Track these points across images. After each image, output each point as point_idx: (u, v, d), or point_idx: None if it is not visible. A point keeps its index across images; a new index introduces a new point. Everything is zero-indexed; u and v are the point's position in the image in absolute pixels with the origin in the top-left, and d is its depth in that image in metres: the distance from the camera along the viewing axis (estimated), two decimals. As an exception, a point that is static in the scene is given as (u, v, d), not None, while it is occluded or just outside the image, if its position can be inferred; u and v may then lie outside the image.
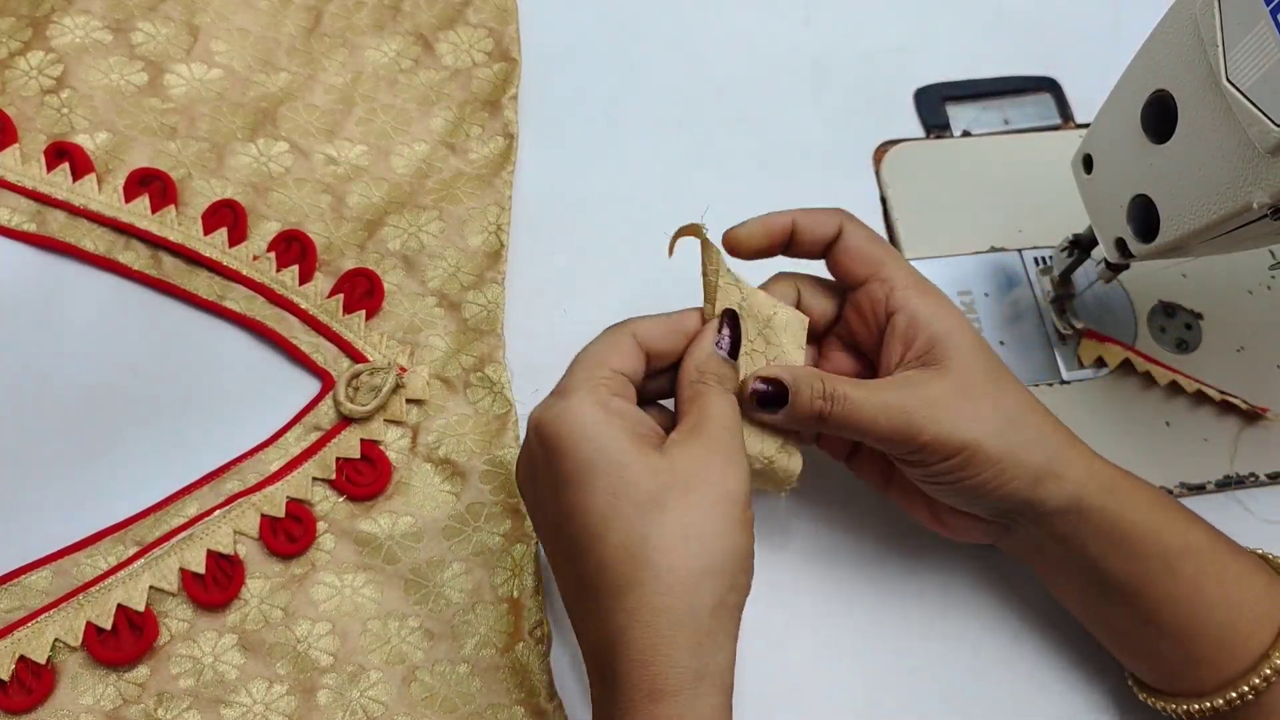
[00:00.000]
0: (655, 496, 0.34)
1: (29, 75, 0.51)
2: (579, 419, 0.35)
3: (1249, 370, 0.51)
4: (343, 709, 0.43)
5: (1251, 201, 0.35)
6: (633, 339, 0.39)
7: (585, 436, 0.35)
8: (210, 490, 0.46)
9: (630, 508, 0.34)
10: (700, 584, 0.34)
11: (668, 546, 0.34)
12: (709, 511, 0.35)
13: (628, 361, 0.38)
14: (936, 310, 0.40)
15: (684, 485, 0.35)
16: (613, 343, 0.38)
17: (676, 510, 0.34)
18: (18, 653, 0.42)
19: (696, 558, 0.34)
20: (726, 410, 0.38)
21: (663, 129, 0.56)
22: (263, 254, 0.50)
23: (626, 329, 0.39)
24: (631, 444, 0.35)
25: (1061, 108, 0.58)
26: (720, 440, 0.36)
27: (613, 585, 0.34)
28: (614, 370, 0.37)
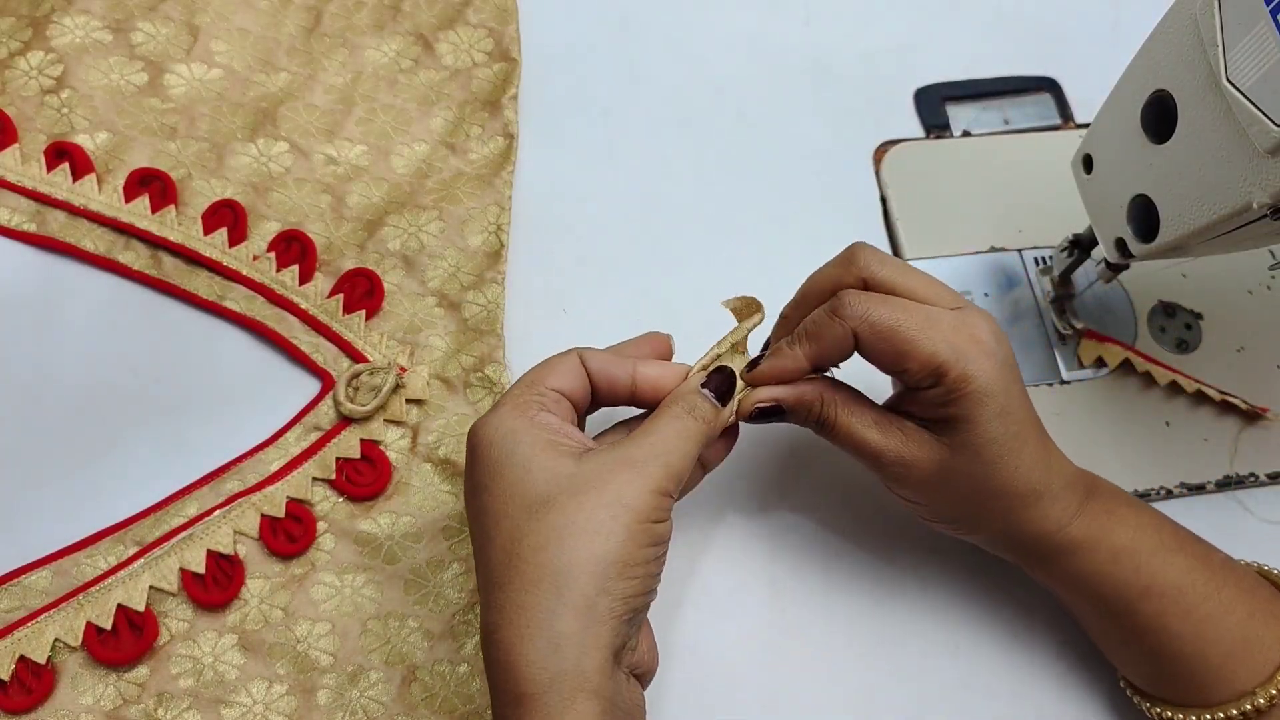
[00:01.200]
0: (545, 498, 0.35)
1: (29, 75, 0.51)
2: (497, 426, 0.36)
3: (1249, 370, 0.51)
4: (342, 709, 0.43)
5: (1251, 201, 0.35)
6: (578, 361, 0.39)
7: (496, 442, 0.36)
8: (210, 490, 0.46)
9: (519, 508, 0.35)
10: (567, 581, 0.33)
11: (540, 545, 0.34)
12: (593, 513, 0.34)
13: (566, 380, 0.38)
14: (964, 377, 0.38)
15: (577, 488, 0.35)
16: (554, 363, 0.39)
17: (559, 510, 0.34)
18: (18, 653, 0.42)
19: (566, 555, 0.34)
20: (670, 433, 0.37)
21: (663, 129, 0.56)
22: (263, 254, 0.50)
23: (573, 352, 0.39)
24: (540, 450, 0.36)
25: (1061, 108, 0.58)
26: (640, 453, 0.36)
27: (492, 582, 0.35)
28: (550, 388, 0.38)
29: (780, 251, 0.53)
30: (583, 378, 0.39)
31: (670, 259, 0.53)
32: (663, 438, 0.37)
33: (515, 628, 0.33)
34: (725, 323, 0.52)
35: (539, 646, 0.33)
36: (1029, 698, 0.45)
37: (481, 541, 0.36)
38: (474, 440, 0.37)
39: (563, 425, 0.38)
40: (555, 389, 0.38)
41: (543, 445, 0.36)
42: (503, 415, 0.37)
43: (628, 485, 0.35)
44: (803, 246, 0.54)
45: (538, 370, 0.39)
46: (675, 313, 0.52)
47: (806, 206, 0.55)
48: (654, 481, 0.36)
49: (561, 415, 0.38)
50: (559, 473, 0.35)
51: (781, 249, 0.54)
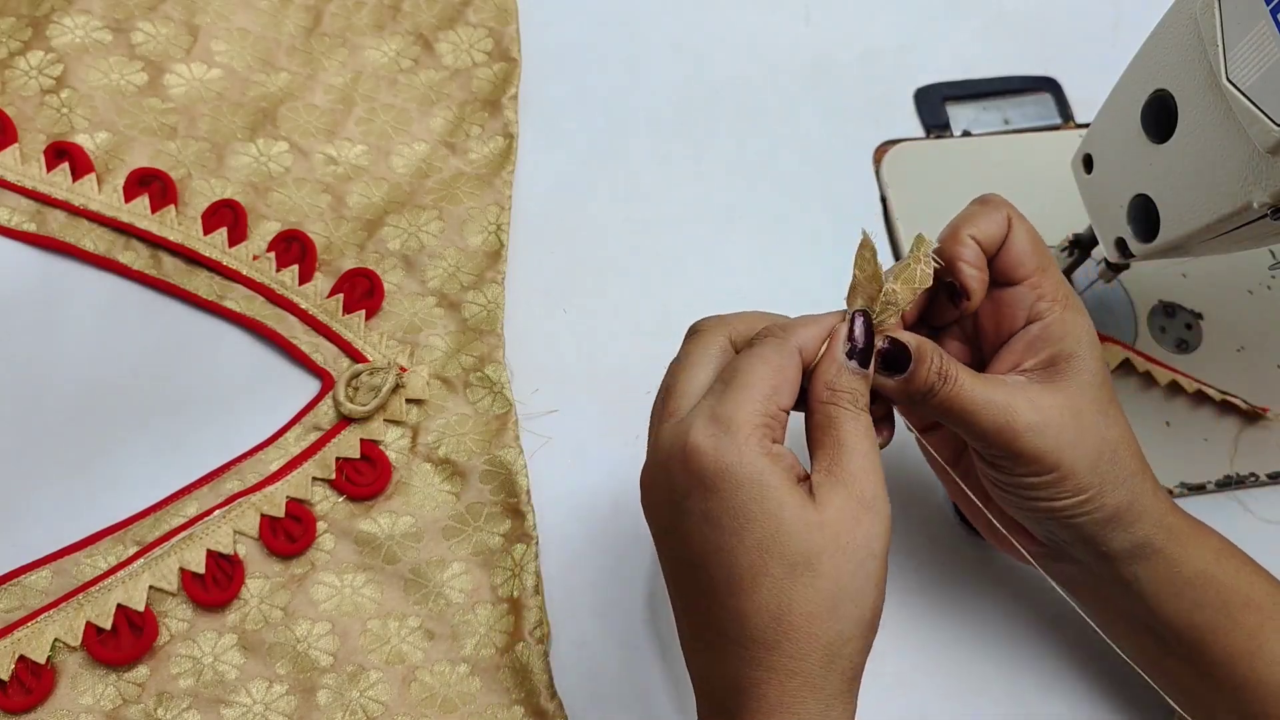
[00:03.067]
0: (807, 558, 0.33)
1: (29, 75, 0.51)
2: (740, 461, 0.33)
3: (1249, 370, 0.51)
4: (342, 709, 0.43)
5: (1251, 201, 0.35)
6: (798, 359, 0.35)
7: (744, 482, 0.33)
8: (210, 490, 0.46)
9: (780, 567, 0.33)
10: (840, 651, 0.33)
11: (812, 614, 0.33)
12: (854, 576, 0.33)
13: (794, 393, 0.35)
14: (1074, 328, 0.38)
15: (834, 546, 0.33)
16: (782, 369, 0.35)
17: (826, 576, 0.33)
18: (17, 652, 0.42)
19: (839, 625, 0.33)
20: (863, 440, 0.35)
21: (663, 129, 0.56)
22: (262, 254, 0.50)
23: (791, 344, 0.35)
24: (789, 495, 0.33)
25: (1061, 108, 0.58)
26: (863, 483, 0.34)
27: (752, 639, 0.33)
28: (781, 408, 0.34)
29: (780, 251, 0.53)
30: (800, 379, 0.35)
31: (670, 259, 0.53)
32: (859, 449, 0.34)
33: (788, 690, 0.33)
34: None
35: (812, 707, 0.33)
36: (1029, 699, 0.45)
37: (727, 587, 0.33)
38: (710, 466, 0.33)
39: (791, 455, 0.34)
40: (786, 409, 0.35)
41: (789, 489, 0.33)
42: (747, 447, 0.33)
43: (875, 532, 0.33)
44: (803, 246, 0.54)
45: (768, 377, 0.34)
46: (675, 312, 0.51)
47: (806, 206, 0.55)
48: (887, 515, 0.34)
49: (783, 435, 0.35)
50: (809, 524, 0.33)
51: (781, 248, 0.54)
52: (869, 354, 0.36)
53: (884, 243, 0.54)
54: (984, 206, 0.39)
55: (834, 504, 0.33)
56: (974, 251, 0.38)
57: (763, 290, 0.52)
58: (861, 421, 0.35)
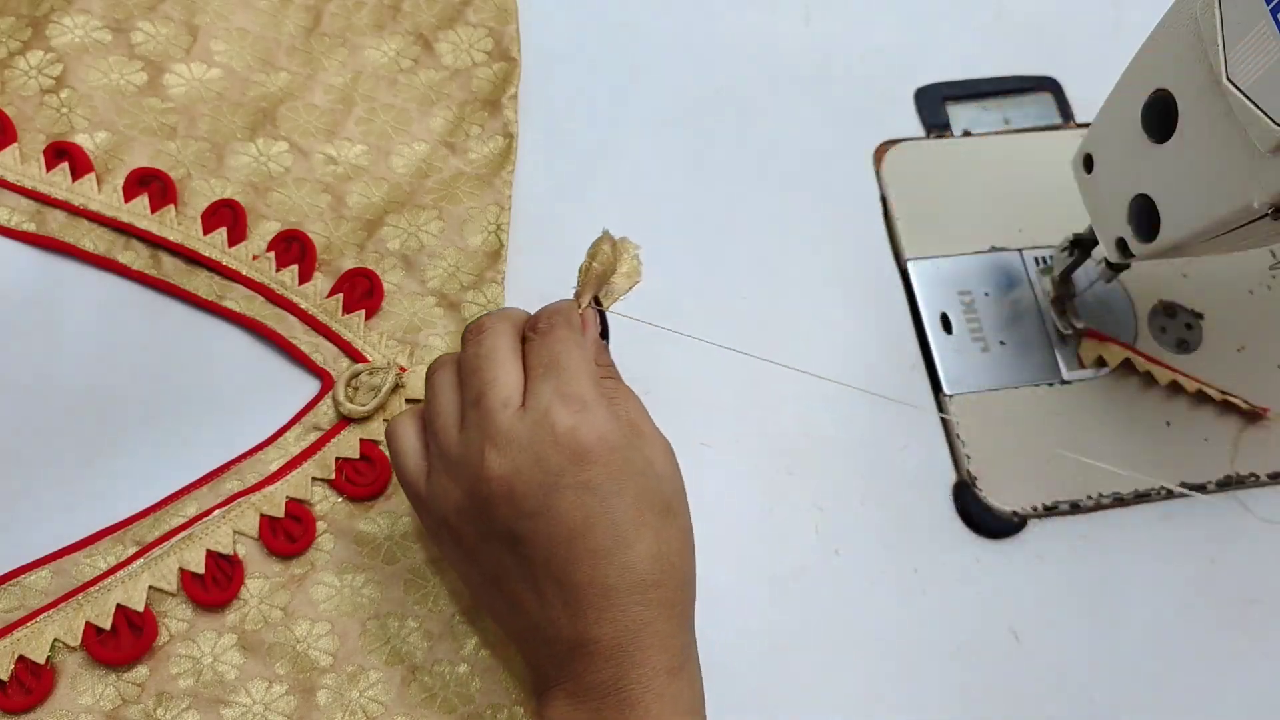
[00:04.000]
0: (668, 502, 0.38)
1: (28, 75, 0.51)
2: (609, 429, 0.37)
3: (1249, 370, 0.51)
4: (342, 709, 0.43)
5: (1252, 201, 0.35)
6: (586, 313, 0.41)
7: (618, 445, 0.37)
8: (210, 490, 0.46)
9: (654, 514, 0.37)
10: (691, 579, 0.39)
11: (680, 549, 0.38)
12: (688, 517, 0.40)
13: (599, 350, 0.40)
14: None
15: (677, 488, 0.39)
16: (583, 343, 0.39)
17: (682, 514, 0.39)
18: (17, 653, 0.42)
19: (692, 557, 0.39)
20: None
21: (663, 128, 0.56)
22: (262, 254, 0.50)
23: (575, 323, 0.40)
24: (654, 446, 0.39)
25: (1062, 107, 0.58)
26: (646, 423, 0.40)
27: (642, 581, 0.37)
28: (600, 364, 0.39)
29: (780, 251, 0.53)
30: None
31: (670, 259, 0.53)
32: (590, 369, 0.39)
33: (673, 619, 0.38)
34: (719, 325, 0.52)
35: (687, 629, 0.39)
36: (1030, 698, 0.45)
37: (612, 545, 0.37)
38: (591, 446, 0.37)
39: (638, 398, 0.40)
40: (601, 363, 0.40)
41: (653, 438, 0.39)
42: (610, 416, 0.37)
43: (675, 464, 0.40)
44: (803, 246, 0.54)
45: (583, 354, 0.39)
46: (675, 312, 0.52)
47: (806, 206, 0.55)
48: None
49: None
50: (673, 470, 0.39)
51: (781, 248, 0.53)
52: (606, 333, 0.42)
53: (884, 243, 0.54)
54: None
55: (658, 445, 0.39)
56: None
57: (761, 290, 0.52)
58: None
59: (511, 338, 0.39)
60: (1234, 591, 0.48)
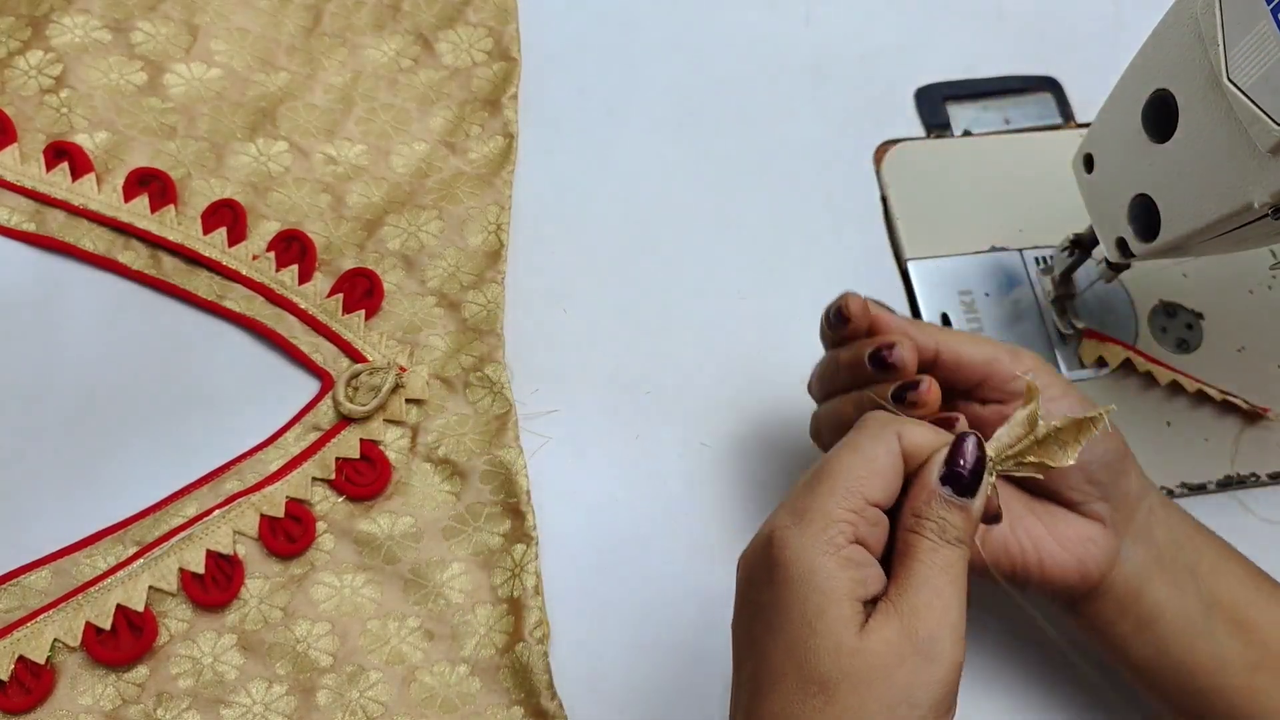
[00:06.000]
0: (825, 679, 0.30)
1: (28, 74, 0.51)
2: (799, 555, 0.31)
3: (1250, 370, 0.51)
4: (342, 709, 0.42)
5: (1252, 201, 0.35)
6: (897, 453, 0.33)
7: (798, 577, 0.31)
8: (210, 490, 0.46)
9: (795, 678, 0.30)
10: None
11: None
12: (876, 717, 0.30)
13: (887, 488, 0.32)
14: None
15: (861, 679, 0.30)
16: (873, 460, 0.32)
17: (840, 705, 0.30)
18: (17, 653, 0.42)
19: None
20: (939, 576, 0.31)
21: (663, 128, 0.56)
22: (262, 254, 0.50)
23: (890, 431, 0.33)
24: (833, 605, 0.30)
25: (1062, 107, 0.58)
26: (925, 622, 0.30)
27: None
28: (868, 502, 0.32)
29: (780, 251, 0.53)
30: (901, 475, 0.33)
31: (670, 259, 0.53)
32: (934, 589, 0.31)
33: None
34: (719, 325, 0.52)
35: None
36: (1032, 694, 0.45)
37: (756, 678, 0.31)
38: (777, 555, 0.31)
39: (867, 567, 0.32)
40: (877, 503, 0.32)
41: (837, 599, 0.30)
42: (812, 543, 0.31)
43: (916, 677, 0.30)
44: (802, 246, 0.54)
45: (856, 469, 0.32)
46: (675, 313, 0.52)
47: (806, 206, 0.55)
48: (945, 663, 0.30)
49: (875, 542, 0.32)
50: (841, 647, 0.30)
51: (781, 248, 0.53)
52: (972, 485, 0.32)
53: (884, 243, 0.54)
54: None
55: (881, 634, 0.30)
56: None
57: (763, 290, 0.52)
58: (941, 555, 0.31)
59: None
60: (1234, 591, 0.48)
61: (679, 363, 0.50)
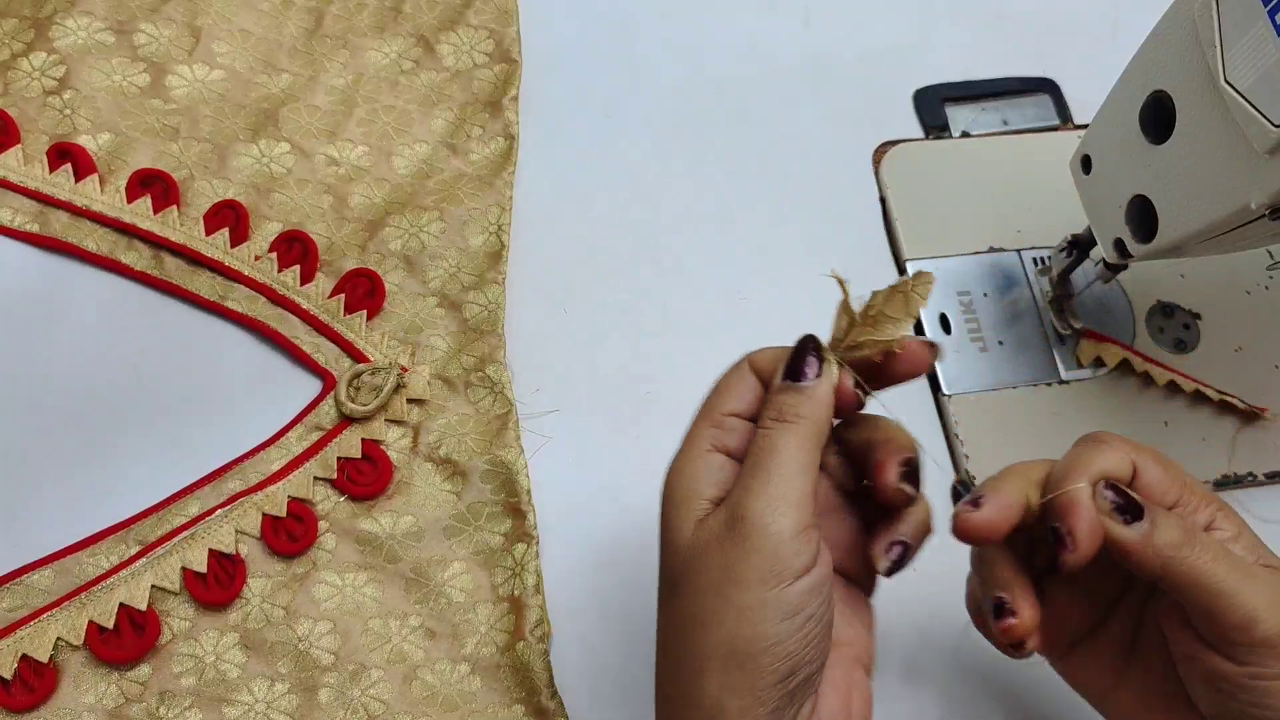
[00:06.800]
0: (674, 580, 0.33)
1: (31, 76, 0.52)
2: (666, 480, 0.34)
3: (1247, 370, 0.52)
4: (344, 708, 0.43)
5: (1250, 202, 0.35)
6: (747, 369, 0.35)
7: (664, 495, 0.34)
8: (212, 490, 0.46)
9: (663, 590, 0.34)
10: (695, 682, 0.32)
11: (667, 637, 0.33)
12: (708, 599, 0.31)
13: (742, 399, 0.34)
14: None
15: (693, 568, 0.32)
16: (725, 382, 0.35)
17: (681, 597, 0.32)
18: (20, 651, 0.42)
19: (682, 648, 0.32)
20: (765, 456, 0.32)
21: (663, 130, 0.56)
22: (264, 254, 0.50)
23: (744, 360, 0.35)
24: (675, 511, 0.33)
25: (1060, 109, 0.58)
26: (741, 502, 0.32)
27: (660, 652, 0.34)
28: (723, 414, 0.34)
29: (780, 251, 0.54)
30: (757, 388, 0.35)
31: (670, 259, 0.53)
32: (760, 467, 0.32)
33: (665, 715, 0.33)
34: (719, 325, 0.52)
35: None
36: (1030, 697, 0.45)
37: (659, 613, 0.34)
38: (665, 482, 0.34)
39: (723, 465, 0.33)
40: (732, 413, 0.34)
41: (680, 501, 0.33)
42: (675, 462, 0.34)
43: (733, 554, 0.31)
44: (802, 246, 0.54)
45: (711, 395, 0.35)
46: (675, 313, 0.52)
47: (806, 206, 0.55)
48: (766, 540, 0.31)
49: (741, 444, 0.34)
50: (680, 544, 0.32)
51: (781, 249, 0.54)
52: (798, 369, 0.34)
53: (884, 243, 0.54)
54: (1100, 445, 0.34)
55: (706, 524, 0.32)
56: (1087, 496, 0.33)
57: (761, 290, 0.53)
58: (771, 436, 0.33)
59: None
60: (1232, 590, 0.48)
61: (679, 363, 0.50)
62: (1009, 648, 0.35)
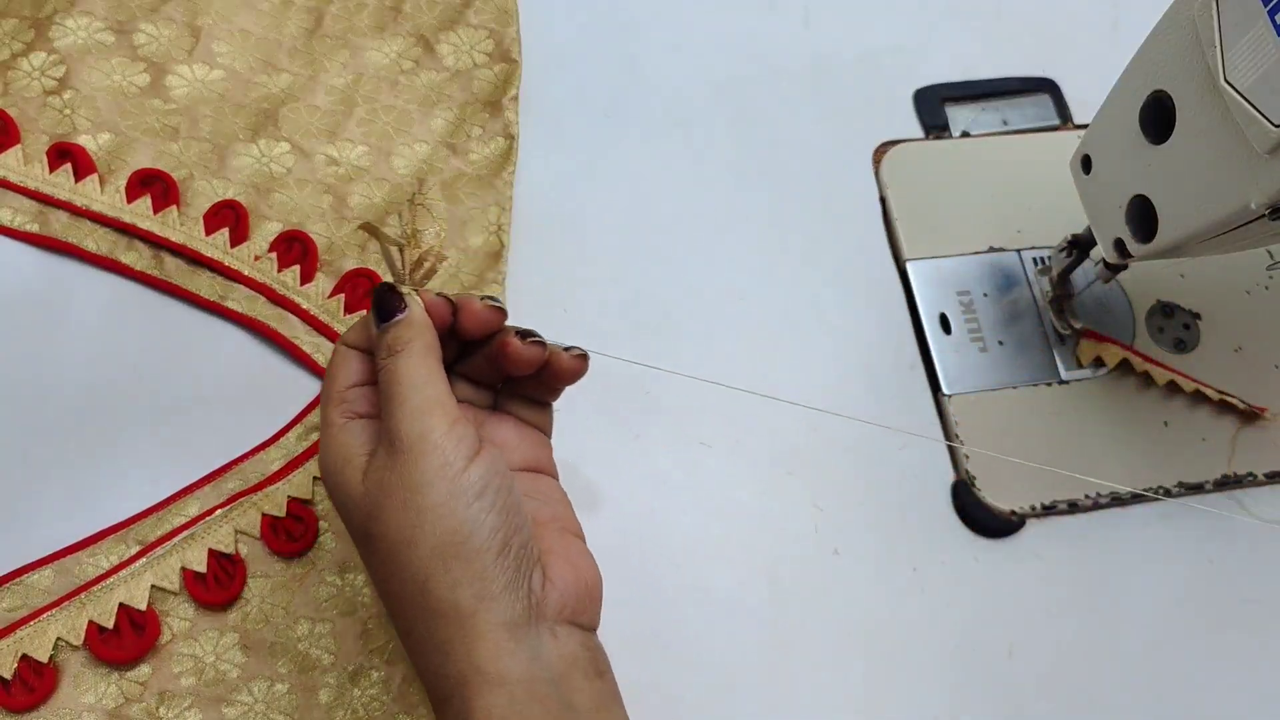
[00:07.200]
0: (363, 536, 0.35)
1: (31, 76, 0.52)
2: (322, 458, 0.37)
3: (1247, 370, 0.52)
4: (344, 708, 0.43)
5: (1249, 202, 0.35)
6: (348, 349, 0.38)
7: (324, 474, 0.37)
8: (212, 490, 0.46)
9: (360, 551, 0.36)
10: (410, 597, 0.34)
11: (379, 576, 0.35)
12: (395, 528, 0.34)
13: (352, 371, 0.38)
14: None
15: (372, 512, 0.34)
16: (331, 368, 0.38)
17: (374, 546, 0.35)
18: (20, 651, 0.42)
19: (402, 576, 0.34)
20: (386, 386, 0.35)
21: (663, 129, 0.56)
22: (264, 254, 0.50)
23: (338, 343, 0.39)
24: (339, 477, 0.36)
25: (1060, 108, 0.58)
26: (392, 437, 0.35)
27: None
28: (342, 389, 0.37)
29: (780, 251, 0.54)
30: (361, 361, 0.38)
31: (670, 259, 0.53)
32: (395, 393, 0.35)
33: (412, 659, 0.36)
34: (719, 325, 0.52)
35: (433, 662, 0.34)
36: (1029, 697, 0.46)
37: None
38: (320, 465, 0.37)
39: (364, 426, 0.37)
40: (350, 385, 0.37)
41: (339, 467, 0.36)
42: (319, 442, 0.37)
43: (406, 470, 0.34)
44: (802, 246, 0.54)
45: (324, 383, 0.38)
46: (675, 312, 0.52)
47: (806, 206, 0.55)
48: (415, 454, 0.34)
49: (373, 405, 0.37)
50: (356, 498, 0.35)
51: (781, 249, 0.54)
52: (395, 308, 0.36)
53: (883, 243, 0.54)
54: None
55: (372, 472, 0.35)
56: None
57: (760, 290, 0.53)
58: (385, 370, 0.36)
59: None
60: (1232, 591, 0.48)
61: (679, 363, 0.50)
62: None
